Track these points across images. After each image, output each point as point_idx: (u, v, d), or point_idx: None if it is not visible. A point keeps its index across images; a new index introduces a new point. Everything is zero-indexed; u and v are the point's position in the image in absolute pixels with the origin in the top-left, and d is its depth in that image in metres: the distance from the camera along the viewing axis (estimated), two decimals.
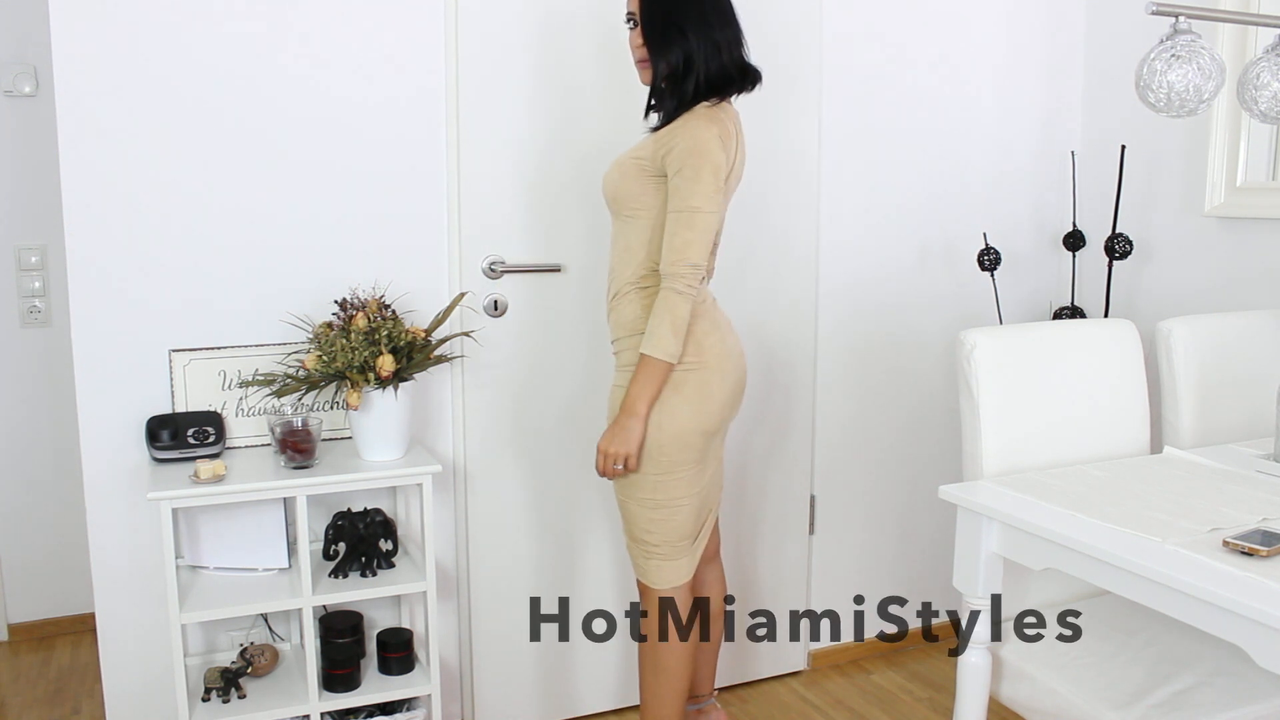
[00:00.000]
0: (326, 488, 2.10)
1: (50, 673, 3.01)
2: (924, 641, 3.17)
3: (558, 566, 2.65)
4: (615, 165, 2.10)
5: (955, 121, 2.97)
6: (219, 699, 2.15)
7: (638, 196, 2.04)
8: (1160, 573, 1.53)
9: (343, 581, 2.19)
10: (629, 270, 2.07)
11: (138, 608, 2.27)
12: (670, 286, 1.96)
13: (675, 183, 1.96)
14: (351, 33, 2.30)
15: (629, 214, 2.06)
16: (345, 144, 2.33)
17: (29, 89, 3.03)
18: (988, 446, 2.05)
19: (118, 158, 2.16)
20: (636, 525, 2.11)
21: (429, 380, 2.44)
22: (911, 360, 3.02)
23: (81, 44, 2.10)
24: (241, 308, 2.28)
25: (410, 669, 2.29)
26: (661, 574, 2.11)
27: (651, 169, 2.01)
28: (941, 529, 3.13)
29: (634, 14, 2.04)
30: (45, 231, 3.09)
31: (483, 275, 2.48)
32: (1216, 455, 2.08)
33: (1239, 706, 1.79)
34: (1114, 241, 2.83)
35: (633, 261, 2.07)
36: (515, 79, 2.44)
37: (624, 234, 2.08)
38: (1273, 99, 2.12)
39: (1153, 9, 2.00)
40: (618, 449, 2.00)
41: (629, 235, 2.07)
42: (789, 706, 2.80)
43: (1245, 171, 2.67)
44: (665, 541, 2.10)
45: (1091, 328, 2.23)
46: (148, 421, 2.19)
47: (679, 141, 1.95)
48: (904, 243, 2.96)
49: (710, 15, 2.00)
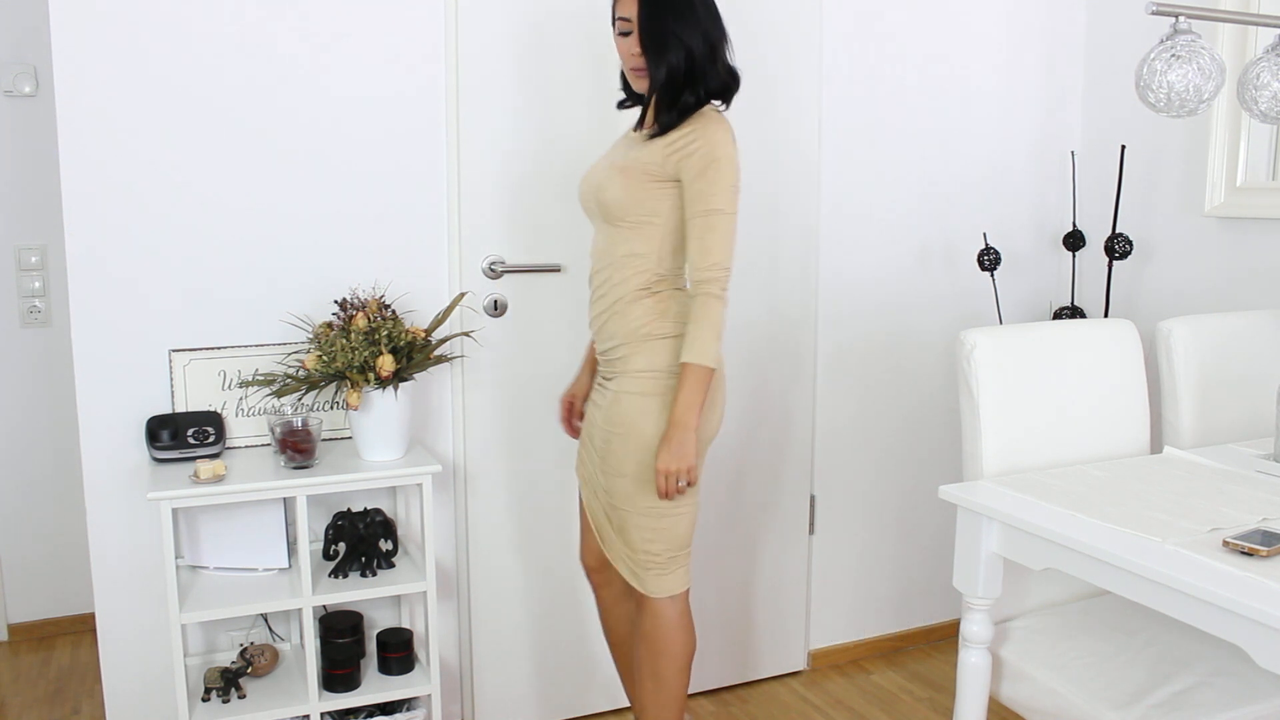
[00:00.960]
0: (326, 488, 2.10)
1: (50, 673, 3.01)
2: (924, 641, 3.17)
3: (558, 566, 2.65)
4: (609, 172, 2.03)
5: (955, 121, 2.97)
6: (219, 699, 2.15)
7: (645, 203, 1.99)
8: (1160, 573, 1.53)
9: (343, 581, 2.19)
10: (637, 278, 2.02)
11: (138, 608, 2.27)
12: (706, 292, 1.94)
13: (698, 187, 1.94)
14: (352, 33, 2.30)
15: (635, 221, 2.01)
16: (345, 144, 2.33)
17: (29, 89, 3.03)
18: (988, 446, 2.05)
19: (118, 157, 2.16)
20: (637, 536, 2.05)
21: (429, 380, 2.44)
22: (911, 360, 3.02)
23: (81, 43, 2.10)
24: (241, 308, 2.28)
25: (410, 669, 2.29)
26: (662, 583, 2.07)
27: (661, 175, 1.98)
28: (941, 529, 3.13)
29: (628, 20, 1.98)
30: (45, 231, 3.09)
31: (483, 275, 2.48)
32: (1216, 455, 2.08)
33: (1239, 706, 1.79)
34: (1114, 241, 2.83)
35: (642, 269, 2.02)
36: (515, 79, 2.44)
37: (626, 241, 2.02)
38: (1273, 99, 2.12)
39: (1153, 9, 2.00)
40: (679, 465, 1.93)
41: (634, 243, 2.01)
42: (789, 706, 2.80)
43: (1245, 171, 2.67)
44: (665, 550, 2.05)
45: (1091, 328, 2.23)
46: (148, 421, 2.19)
47: (698, 146, 1.93)
48: (904, 243, 2.96)
49: (705, 20, 1.98)
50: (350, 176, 2.34)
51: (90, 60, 2.11)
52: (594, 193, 2.06)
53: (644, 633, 2.10)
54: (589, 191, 2.08)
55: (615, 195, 2.00)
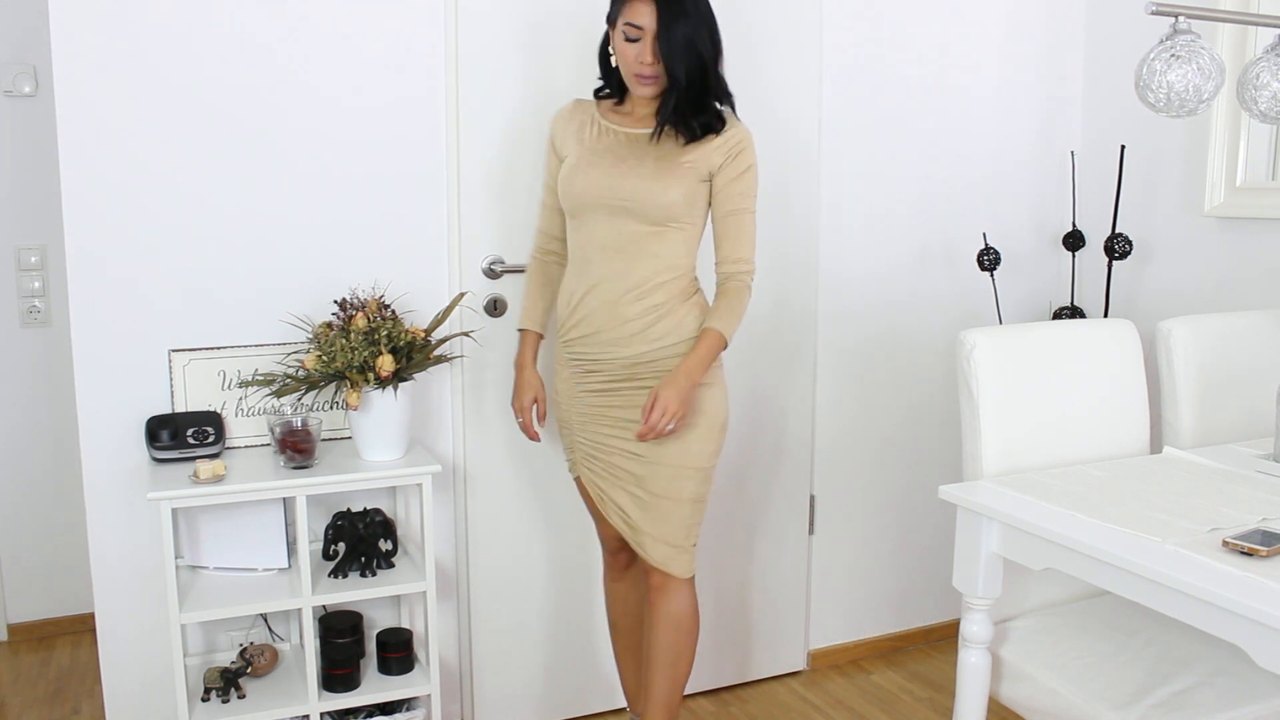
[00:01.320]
0: (326, 488, 2.10)
1: (50, 673, 3.01)
2: (924, 641, 3.17)
3: (558, 566, 2.65)
4: (656, 174, 2.05)
5: (955, 121, 2.97)
6: (219, 699, 2.15)
7: (696, 204, 2.10)
8: (1160, 573, 1.53)
9: (342, 581, 2.19)
10: (676, 283, 2.10)
11: (138, 608, 2.27)
12: (740, 283, 2.12)
13: (737, 186, 2.09)
14: (353, 34, 2.30)
15: (685, 222, 2.10)
16: (345, 143, 2.33)
17: (29, 89, 3.03)
18: (988, 446, 2.05)
19: (118, 158, 2.16)
20: (681, 522, 2.14)
21: (429, 380, 2.44)
22: (911, 360, 3.02)
23: (81, 44, 2.10)
24: (241, 308, 2.28)
25: (410, 669, 2.29)
26: (689, 565, 2.19)
27: (705, 176, 2.08)
28: (941, 529, 3.13)
29: (639, 27, 2.00)
30: (45, 231, 3.09)
31: (482, 275, 2.48)
32: (1216, 455, 2.08)
33: (1239, 706, 1.79)
34: (1114, 241, 2.83)
35: (677, 272, 2.10)
36: (515, 79, 2.44)
37: (667, 241, 2.08)
38: (1273, 99, 2.12)
39: (1153, 9, 2.00)
40: (681, 410, 2.03)
41: (676, 244, 2.09)
42: (789, 706, 2.80)
43: (1245, 171, 2.67)
44: (697, 531, 2.19)
45: (1091, 328, 2.23)
46: (147, 421, 2.19)
47: (744, 148, 2.08)
48: (904, 243, 2.96)
49: (712, 26, 2.05)
50: (350, 176, 2.34)
51: (90, 60, 2.11)
52: (652, 197, 2.05)
53: (669, 614, 2.18)
54: (647, 197, 2.06)
55: (676, 197, 2.06)
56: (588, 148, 2.14)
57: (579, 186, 2.11)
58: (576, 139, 2.16)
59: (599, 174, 2.09)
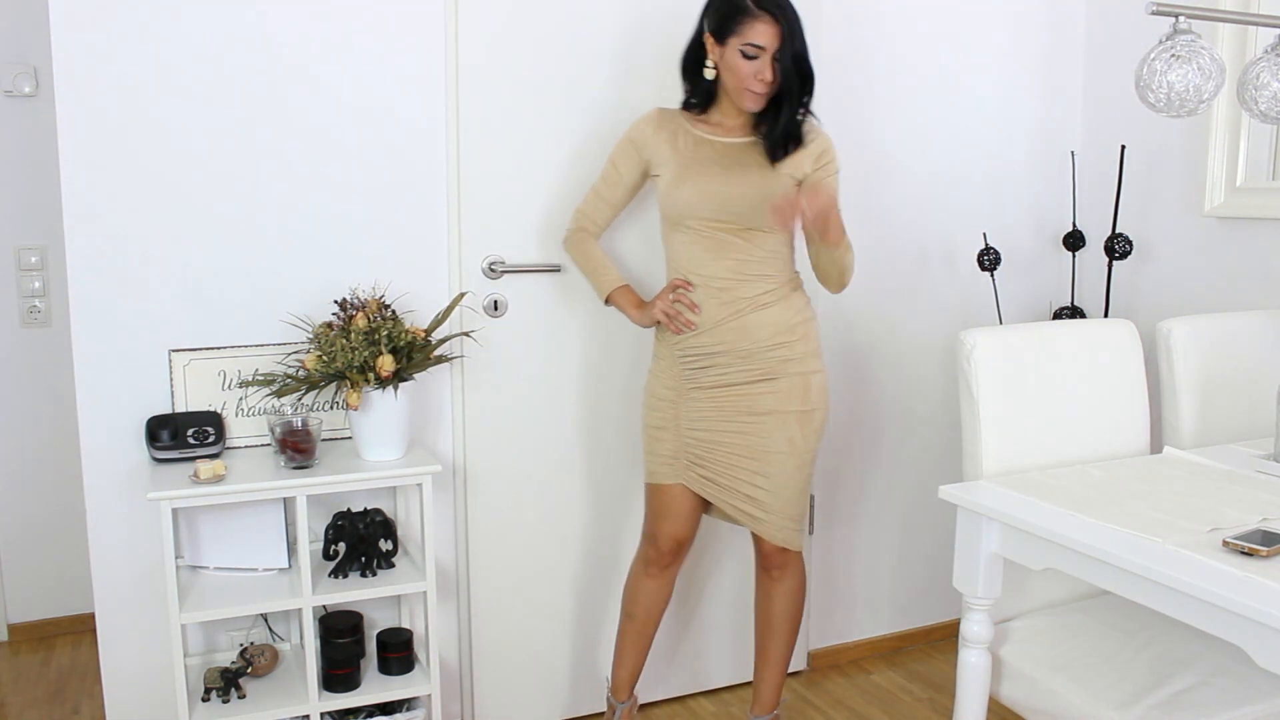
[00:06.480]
0: (326, 488, 2.10)
1: (50, 673, 3.01)
2: (924, 641, 3.17)
3: (558, 566, 2.65)
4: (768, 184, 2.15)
5: (955, 121, 2.97)
6: (219, 699, 2.15)
7: None
8: (1160, 573, 1.53)
9: (343, 581, 2.19)
10: (783, 274, 2.22)
11: (138, 608, 2.27)
12: None
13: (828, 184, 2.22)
14: (353, 34, 2.30)
15: None
16: (345, 144, 2.33)
17: (29, 89, 3.03)
18: (988, 446, 2.05)
19: (118, 158, 2.15)
20: (800, 502, 2.28)
21: (429, 380, 2.44)
22: (911, 360, 3.02)
23: (81, 44, 2.10)
24: (242, 308, 2.28)
25: (410, 669, 2.29)
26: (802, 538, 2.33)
27: (797, 181, 2.19)
28: (941, 529, 3.13)
29: (761, 47, 2.06)
30: (45, 231, 3.09)
31: (483, 275, 2.48)
32: (1216, 455, 2.08)
33: (1239, 706, 1.79)
34: (1114, 241, 2.83)
35: (780, 264, 2.22)
36: (515, 78, 2.44)
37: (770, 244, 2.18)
38: (1273, 99, 2.12)
39: (1153, 9, 2.00)
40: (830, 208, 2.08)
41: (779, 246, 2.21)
42: (789, 706, 2.80)
43: (1245, 172, 2.67)
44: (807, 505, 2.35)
45: (1091, 328, 2.23)
46: (147, 421, 2.19)
47: (832, 154, 2.23)
48: (904, 243, 2.96)
49: None
50: (350, 176, 2.34)
51: (90, 60, 2.11)
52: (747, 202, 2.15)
53: (793, 587, 2.36)
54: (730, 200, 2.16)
55: None
56: (687, 157, 2.20)
57: (686, 195, 2.18)
58: (670, 147, 2.22)
59: (707, 183, 2.17)
